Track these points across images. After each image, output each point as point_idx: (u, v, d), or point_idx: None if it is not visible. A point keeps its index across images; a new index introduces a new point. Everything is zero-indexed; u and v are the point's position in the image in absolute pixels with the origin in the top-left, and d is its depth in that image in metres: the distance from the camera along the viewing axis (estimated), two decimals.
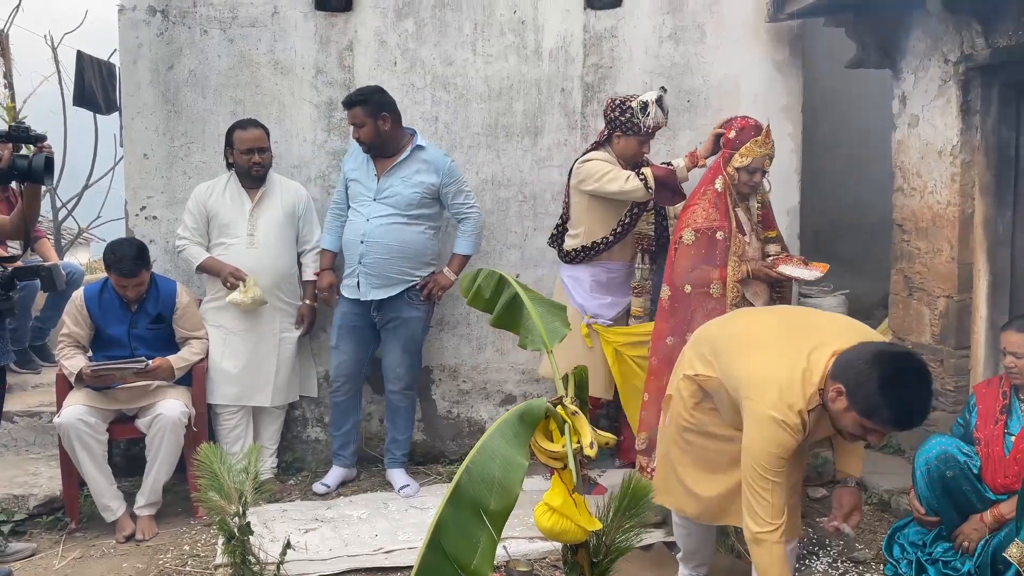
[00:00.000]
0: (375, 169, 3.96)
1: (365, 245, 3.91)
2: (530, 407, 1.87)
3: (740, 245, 3.45)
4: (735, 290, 3.43)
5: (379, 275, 3.93)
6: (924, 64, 4.03)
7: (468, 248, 4.14)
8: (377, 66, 4.35)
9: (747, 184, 3.46)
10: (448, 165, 4.04)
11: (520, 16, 4.38)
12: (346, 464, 4.20)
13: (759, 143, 3.40)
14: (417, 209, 3.96)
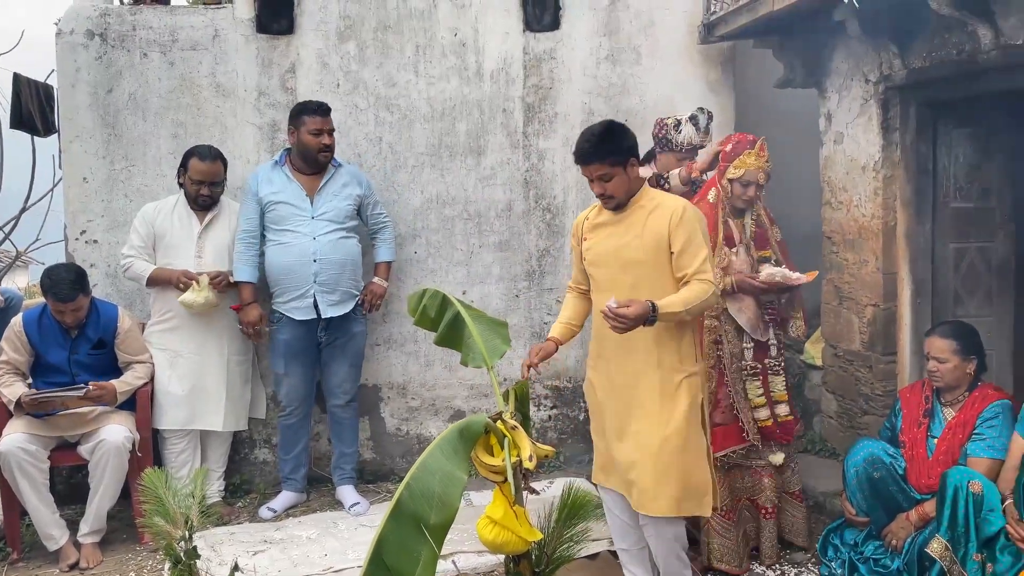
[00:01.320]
0: (302, 189, 3.99)
1: (319, 263, 3.94)
2: (470, 423, 1.93)
3: (725, 257, 3.41)
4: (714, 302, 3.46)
5: (334, 291, 3.98)
6: (847, 84, 4.23)
7: (391, 255, 4.28)
8: (320, 88, 4.39)
9: (741, 197, 3.41)
10: (366, 178, 4.21)
11: (461, 38, 4.47)
12: (296, 488, 4.20)
13: (752, 155, 3.38)
14: (350, 221, 4.07)
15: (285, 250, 3.98)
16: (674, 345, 2.86)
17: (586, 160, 2.87)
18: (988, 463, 3.02)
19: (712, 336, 3.40)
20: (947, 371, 3.18)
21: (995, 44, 3.23)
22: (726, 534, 3.40)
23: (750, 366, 3.43)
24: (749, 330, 3.41)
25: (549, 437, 4.70)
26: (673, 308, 2.72)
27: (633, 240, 2.86)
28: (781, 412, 3.48)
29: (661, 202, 2.88)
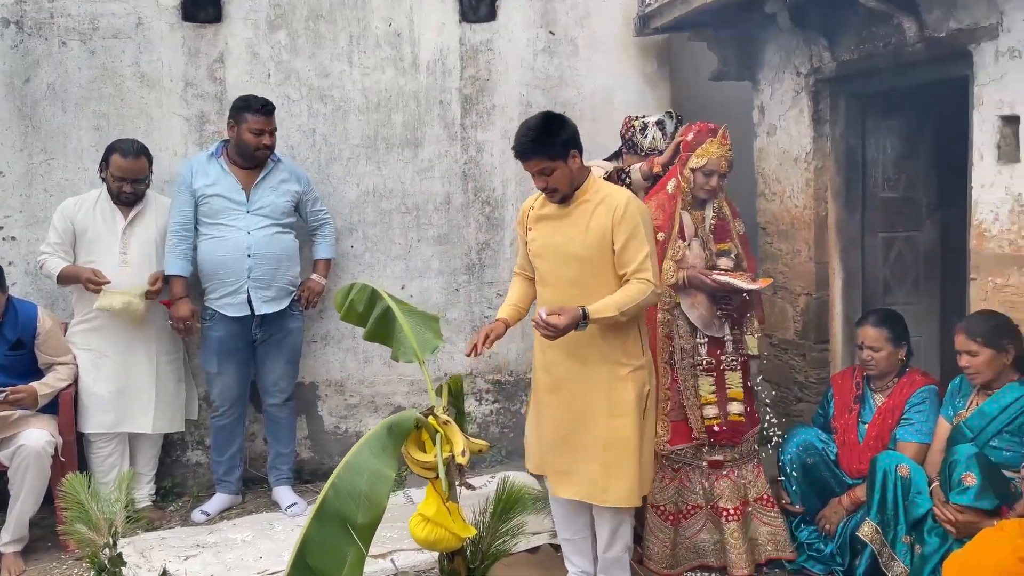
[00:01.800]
0: (238, 183, 3.88)
1: (253, 258, 3.83)
2: (399, 419, 1.89)
3: (679, 250, 3.30)
4: (666, 295, 3.29)
5: (269, 287, 3.89)
6: (779, 76, 4.29)
7: (331, 252, 4.21)
8: (250, 78, 4.27)
9: (703, 188, 3.30)
10: (305, 174, 4.14)
11: (396, 29, 4.39)
12: (231, 490, 4.09)
13: (715, 144, 3.27)
14: (287, 217, 3.98)
15: (218, 244, 3.87)
16: (619, 339, 2.85)
17: (525, 156, 2.82)
18: (916, 447, 3.09)
19: (665, 330, 3.32)
20: (881, 359, 3.24)
21: (920, 36, 3.30)
22: (659, 534, 3.29)
23: (704, 362, 3.31)
24: (701, 326, 3.31)
25: (491, 432, 4.67)
26: (606, 313, 2.71)
27: (577, 236, 2.83)
28: (733, 411, 3.32)
29: (606, 196, 2.84)
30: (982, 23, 3.03)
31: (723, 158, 3.28)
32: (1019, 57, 2.89)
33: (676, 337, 3.31)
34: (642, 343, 2.91)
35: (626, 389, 2.82)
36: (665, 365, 3.29)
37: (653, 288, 2.77)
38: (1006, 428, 2.81)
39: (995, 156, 3.04)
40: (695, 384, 3.31)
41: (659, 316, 3.30)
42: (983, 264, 3.14)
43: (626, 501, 2.85)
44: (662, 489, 3.29)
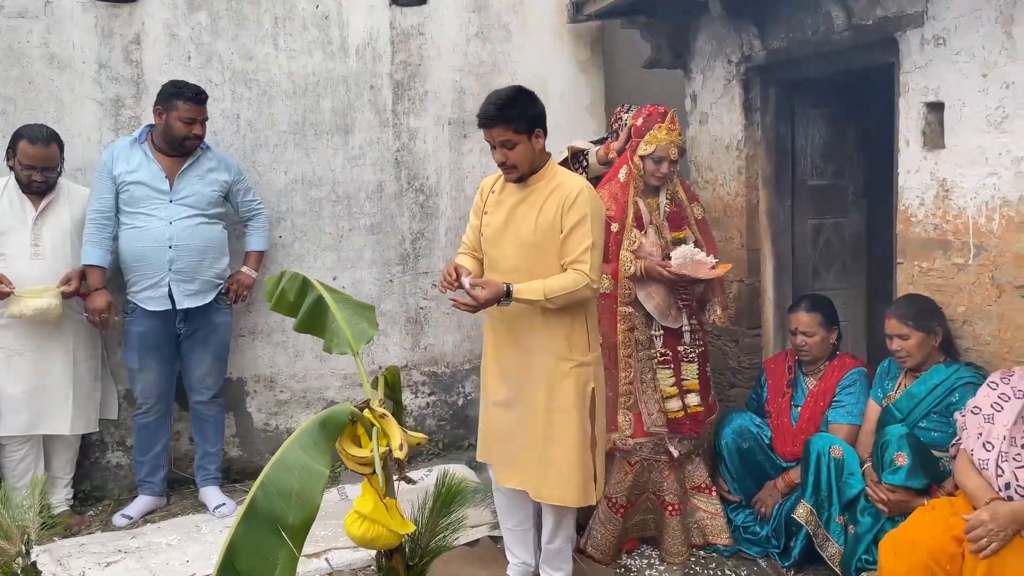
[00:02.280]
0: (162, 170, 3.71)
1: (175, 250, 3.67)
2: (332, 413, 1.80)
3: (635, 240, 3.20)
4: (626, 287, 3.20)
5: (192, 280, 3.73)
6: (711, 64, 4.31)
7: (263, 244, 4.07)
8: (169, 60, 4.07)
9: (654, 175, 3.21)
10: (236, 164, 3.99)
11: (323, 11, 4.25)
12: (154, 492, 3.91)
13: (663, 129, 3.16)
14: (215, 207, 3.83)
15: (139, 234, 3.69)
16: (564, 333, 2.79)
17: (490, 123, 2.72)
18: (847, 429, 3.15)
19: (627, 324, 3.23)
20: (814, 344, 3.29)
21: (847, 24, 3.35)
22: (608, 524, 3.27)
23: (660, 354, 3.25)
24: (657, 317, 3.23)
25: (428, 425, 4.60)
26: (530, 295, 2.65)
27: (529, 221, 2.77)
28: (691, 402, 3.27)
29: (561, 183, 2.78)
30: (907, 10, 3.09)
31: (672, 144, 3.19)
32: (943, 44, 2.96)
33: (634, 330, 3.23)
34: (589, 339, 2.84)
35: (567, 384, 2.77)
36: (628, 359, 3.23)
37: (588, 282, 2.69)
38: (934, 409, 2.88)
39: (920, 142, 3.11)
40: (653, 377, 3.24)
41: (620, 310, 3.21)
42: (909, 249, 3.21)
43: (560, 499, 2.79)
44: (619, 481, 3.26)
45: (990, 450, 2.49)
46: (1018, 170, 2.74)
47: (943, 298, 3.04)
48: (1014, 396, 2.53)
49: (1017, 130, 2.73)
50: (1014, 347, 2.82)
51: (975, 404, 2.60)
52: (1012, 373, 2.59)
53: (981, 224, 2.90)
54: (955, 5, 2.90)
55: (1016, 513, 2.32)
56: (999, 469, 2.46)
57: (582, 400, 2.78)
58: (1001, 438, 2.48)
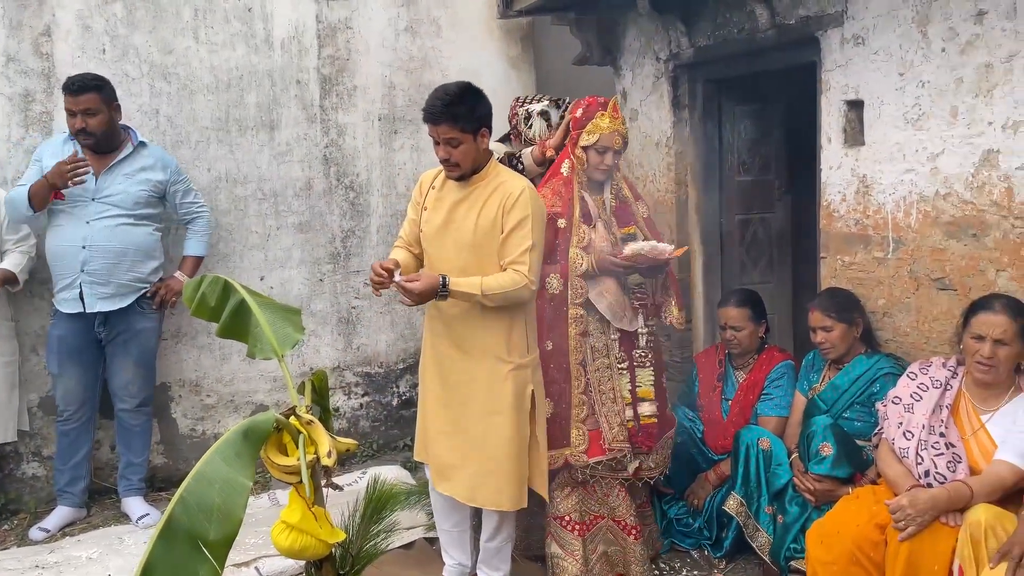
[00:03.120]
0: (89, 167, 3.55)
1: (88, 251, 3.51)
2: (255, 422, 1.74)
3: (584, 236, 2.99)
4: (577, 286, 2.96)
5: (107, 283, 3.55)
6: (640, 61, 4.35)
7: (200, 249, 3.90)
8: (82, 53, 3.89)
9: (598, 167, 3.02)
10: (175, 163, 3.80)
11: (246, 3, 4.13)
12: (74, 503, 3.74)
13: (606, 117, 2.99)
14: (144, 208, 3.64)
15: (57, 233, 3.54)
16: (503, 335, 2.74)
17: (436, 119, 2.64)
18: (775, 421, 3.21)
19: (578, 327, 2.97)
20: (744, 337, 3.35)
21: (771, 23, 3.41)
22: (568, 547, 3.00)
23: (618, 359, 3.02)
24: (610, 318, 2.99)
25: (361, 426, 4.53)
26: (468, 289, 2.60)
27: (469, 220, 2.72)
28: (644, 412, 3.03)
29: (503, 182, 2.73)
30: (828, 10, 3.16)
31: (616, 132, 3.00)
32: (862, 44, 3.03)
33: (588, 335, 2.99)
34: (528, 341, 2.79)
35: (505, 387, 2.72)
36: (578, 367, 2.97)
37: (527, 283, 2.64)
38: (856, 400, 2.96)
39: (842, 139, 3.19)
40: (612, 387, 2.99)
41: (571, 312, 2.96)
42: (832, 243, 3.30)
43: (496, 504, 2.75)
44: (564, 498, 3.04)
45: (910, 439, 2.57)
46: (933, 166, 2.83)
47: (864, 291, 3.13)
48: (932, 386, 2.61)
49: (932, 128, 2.82)
50: (931, 338, 2.92)
51: (895, 394, 2.68)
52: (930, 363, 2.68)
53: (899, 219, 2.99)
54: (873, 5, 2.98)
55: (934, 499, 2.39)
56: (919, 457, 2.54)
57: (520, 402, 2.74)
58: (920, 427, 2.56)
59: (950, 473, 2.48)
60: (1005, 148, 2.60)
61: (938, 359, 2.68)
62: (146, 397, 3.80)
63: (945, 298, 2.85)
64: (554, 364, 2.95)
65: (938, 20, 2.76)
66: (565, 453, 2.96)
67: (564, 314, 2.97)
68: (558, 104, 3.58)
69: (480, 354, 2.75)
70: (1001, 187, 2.62)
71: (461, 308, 2.71)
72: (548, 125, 3.53)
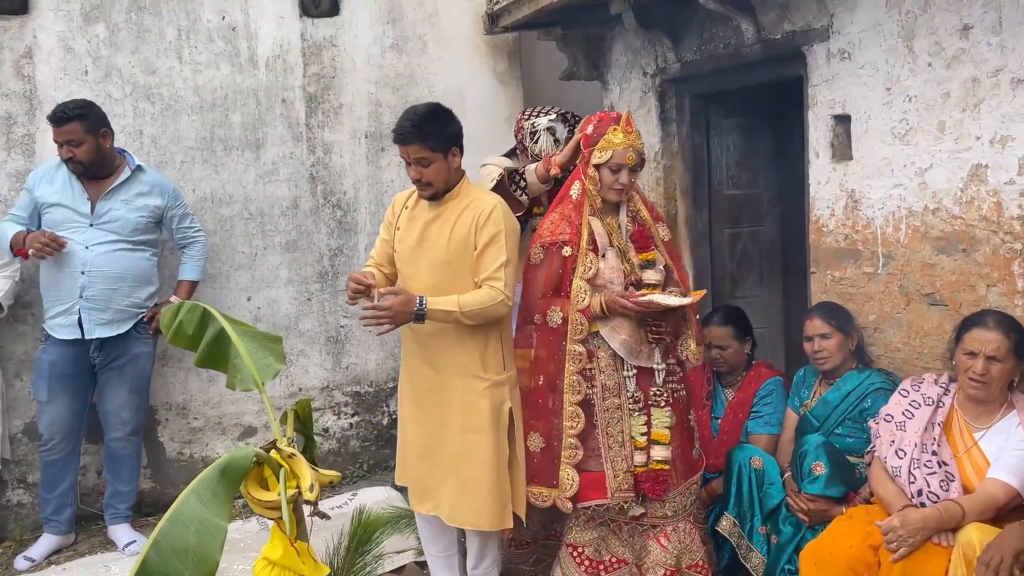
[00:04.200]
0: (85, 192, 3.51)
1: (87, 276, 3.47)
2: (234, 459, 1.70)
3: (590, 265, 2.75)
4: (578, 322, 2.73)
5: (106, 309, 3.51)
6: (627, 76, 4.33)
7: (196, 274, 3.86)
8: (65, 75, 3.86)
9: (612, 187, 2.77)
10: (172, 188, 3.78)
11: (229, 22, 4.10)
12: (61, 531, 3.68)
13: (618, 132, 2.76)
14: (141, 234, 3.62)
15: (55, 259, 3.48)
16: (478, 352, 2.73)
17: (405, 140, 2.67)
18: (767, 439, 3.18)
19: (577, 366, 2.74)
20: (730, 356, 3.32)
21: (757, 38, 3.40)
22: None
23: (633, 398, 2.77)
24: (626, 355, 2.75)
25: (351, 446, 4.48)
26: (445, 307, 2.60)
27: (442, 239, 2.73)
28: (656, 455, 2.76)
29: (474, 200, 2.75)
30: (814, 25, 3.15)
31: (630, 148, 2.76)
32: (849, 59, 3.02)
33: (598, 373, 2.75)
34: (504, 358, 2.79)
35: (482, 404, 2.70)
36: (576, 407, 2.73)
37: (503, 298, 2.65)
38: (848, 415, 2.93)
39: (829, 154, 3.17)
40: (622, 429, 2.75)
41: (569, 348, 2.72)
42: (821, 258, 3.28)
43: (475, 523, 2.72)
44: (582, 529, 2.82)
45: (902, 457, 2.54)
46: (922, 181, 2.82)
47: (855, 306, 3.11)
48: (924, 403, 2.59)
49: (920, 142, 2.80)
50: (923, 353, 2.89)
51: (888, 412, 2.66)
52: (922, 380, 2.65)
53: (889, 234, 2.97)
54: (859, 20, 2.97)
55: (926, 519, 2.36)
56: (911, 476, 2.51)
57: (497, 419, 2.73)
58: (913, 445, 2.53)
59: (943, 492, 2.45)
60: (993, 163, 2.59)
61: (930, 376, 2.65)
62: (137, 425, 3.75)
63: (936, 313, 2.83)
64: (544, 400, 2.79)
65: (924, 34, 2.74)
66: (554, 494, 2.77)
67: (562, 350, 2.75)
68: (566, 119, 3.36)
69: (455, 372, 2.74)
70: (990, 202, 2.61)
71: (436, 327, 2.70)
72: (555, 141, 3.31)
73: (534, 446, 2.80)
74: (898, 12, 2.81)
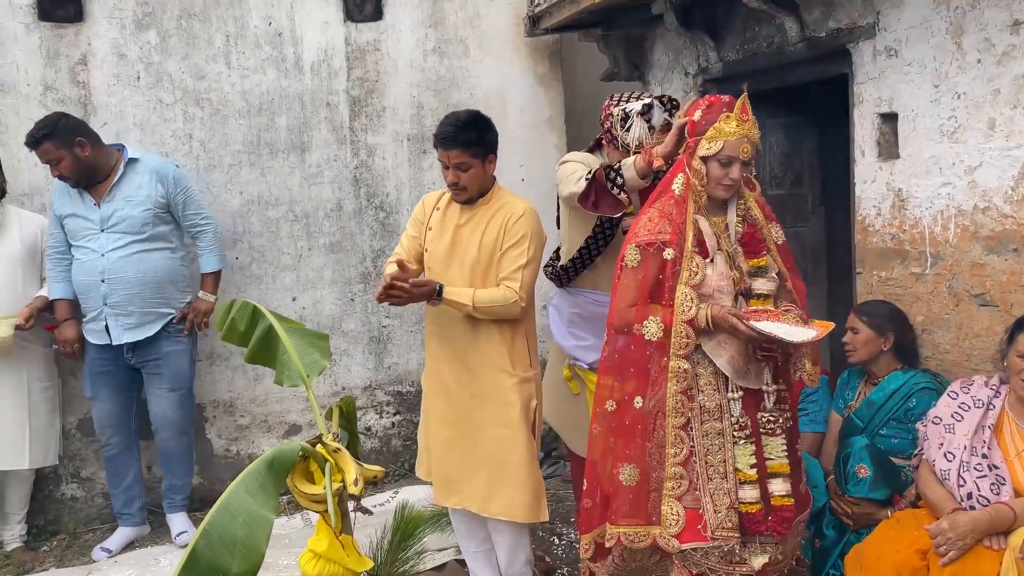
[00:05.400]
0: (91, 198, 3.57)
1: (108, 284, 3.53)
2: (281, 452, 1.74)
3: (697, 270, 2.36)
4: (683, 334, 2.32)
5: (131, 313, 3.57)
6: (668, 76, 4.31)
7: (214, 263, 3.83)
8: (117, 81, 3.98)
9: (721, 182, 2.38)
10: (173, 171, 3.71)
11: (276, 28, 4.19)
12: (134, 522, 3.79)
13: (731, 120, 2.37)
14: (153, 228, 3.61)
15: (78, 268, 3.59)
16: (505, 348, 2.81)
17: (447, 144, 2.76)
18: (812, 437, 3.14)
19: (681, 385, 2.34)
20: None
21: (801, 36, 3.36)
22: None
23: (738, 424, 2.37)
24: (732, 375, 2.37)
25: (393, 445, 4.53)
26: (460, 299, 2.70)
27: (473, 241, 2.81)
28: (776, 490, 2.39)
29: (506, 203, 2.84)
30: (859, 23, 3.10)
31: (745, 138, 2.36)
32: (895, 56, 2.97)
33: (696, 392, 2.38)
34: (530, 354, 2.87)
35: (513, 399, 2.78)
36: (679, 432, 2.36)
37: (516, 299, 2.72)
38: (893, 416, 2.88)
39: (876, 153, 3.13)
40: (723, 459, 2.36)
41: (673, 365, 2.33)
42: (867, 258, 3.23)
43: (509, 514, 2.77)
44: None
45: (951, 460, 2.49)
46: (971, 180, 2.76)
47: (902, 307, 3.06)
48: (974, 405, 2.54)
49: (969, 140, 2.75)
50: (972, 355, 2.83)
51: (936, 414, 2.61)
52: (971, 382, 2.60)
53: (937, 233, 2.91)
54: (906, 17, 2.92)
55: (976, 522, 2.32)
56: (960, 479, 2.46)
57: (527, 416, 2.81)
58: (962, 448, 2.48)
59: (993, 495, 2.39)
60: None
61: (980, 378, 2.60)
62: (185, 423, 3.81)
63: (986, 314, 2.77)
64: (639, 424, 2.40)
65: (973, 30, 2.69)
66: (653, 532, 2.38)
67: (663, 367, 2.35)
68: (662, 102, 2.96)
69: (485, 368, 2.80)
70: None
71: (462, 326, 2.79)
72: (650, 128, 2.92)
73: (627, 478, 2.41)
74: (946, 8, 2.77)
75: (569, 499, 3.88)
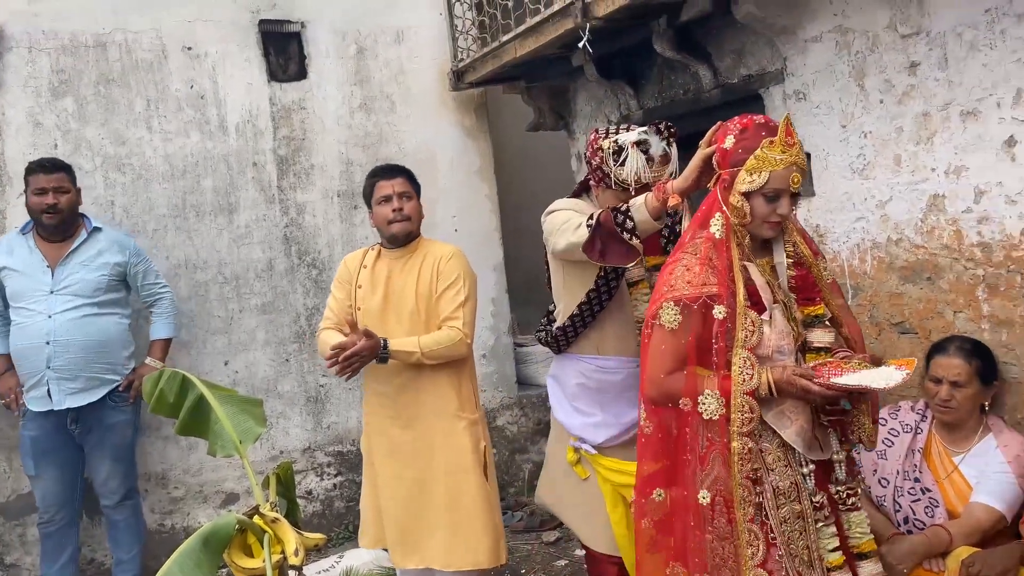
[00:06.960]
0: (44, 260, 3.48)
1: (53, 346, 3.41)
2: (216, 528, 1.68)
3: (753, 329, 1.95)
4: (745, 408, 1.91)
5: (75, 377, 3.45)
6: (592, 125, 4.42)
7: (167, 331, 3.78)
8: (34, 149, 3.87)
9: (768, 219, 2.00)
10: (133, 244, 3.74)
11: (198, 91, 4.15)
12: None
13: (776, 147, 1.96)
14: (106, 294, 3.55)
15: (19, 331, 3.46)
16: (453, 391, 2.82)
17: (392, 174, 2.90)
18: None
19: (745, 467, 1.92)
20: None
21: (715, 83, 3.50)
22: None
23: (814, 504, 2.01)
24: (803, 448, 2.01)
25: (336, 507, 4.42)
26: (407, 348, 2.71)
27: (408, 292, 2.83)
28: (867, 573, 2.06)
29: (431, 249, 2.91)
30: (768, 68, 3.25)
31: (793, 165, 1.98)
32: (804, 99, 3.12)
33: (765, 473, 1.98)
34: (474, 396, 2.91)
35: (464, 442, 2.79)
36: (751, 526, 1.94)
37: (462, 337, 2.76)
38: None
39: None
40: (807, 544, 1.98)
41: (735, 445, 1.90)
42: None
43: (474, 561, 2.74)
44: None
45: (886, 486, 2.56)
46: (883, 213, 2.89)
47: None
48: (903, 430, 2.62)
49: (878, 176, 2.89)
50: None
51: None
52: (899, 408, 2.69)
53: (855, 266, 3.03)
54: (811, 62, 3.07)
55: (913, 546, 2.38)
56: (896, 504, 2.52)
57: (479, 457, 2.80)
58: (895, 473, 2.55)
59: (928, 518, 2.47)
60: (950, 193, 2.67)
61: (906, 403, 2.69)
62: (128, 491, 3.67)
63: (907, 342, 2.88)
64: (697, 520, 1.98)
65: (874, 73, 2.85)
66: None
67: (724, 447, 1.93)
68: (659, 130, 2.60)
69: (433, 414, 2.81)
70: (950, 230, 2.68)
71: (406, 375, 2.79)
72: (648, 159, 2.55)
73: None
74: (848, 53, 2.92)
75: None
